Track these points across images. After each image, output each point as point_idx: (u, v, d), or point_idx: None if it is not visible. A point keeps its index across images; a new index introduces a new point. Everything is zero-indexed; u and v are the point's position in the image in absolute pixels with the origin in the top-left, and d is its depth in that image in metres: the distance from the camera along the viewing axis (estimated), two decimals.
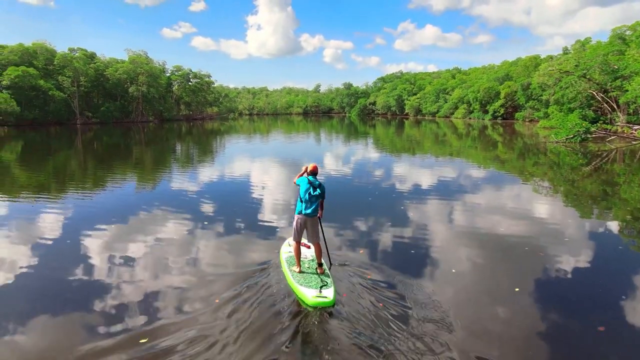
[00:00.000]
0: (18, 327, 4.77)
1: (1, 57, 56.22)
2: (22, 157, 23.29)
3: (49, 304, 5.40)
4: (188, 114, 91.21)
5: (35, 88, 55.80)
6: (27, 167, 19.55)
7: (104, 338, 4.50)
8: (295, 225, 6.02)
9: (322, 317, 4.91)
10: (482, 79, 76.84)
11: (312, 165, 6.19)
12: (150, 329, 4.66)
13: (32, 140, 35.61)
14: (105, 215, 9.76)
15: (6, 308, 5.27)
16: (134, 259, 6.92)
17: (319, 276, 5.84)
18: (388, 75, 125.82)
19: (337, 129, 56.14)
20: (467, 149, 27.26)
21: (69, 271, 6.41)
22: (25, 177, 16.15)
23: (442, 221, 9.41)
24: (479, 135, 39.15)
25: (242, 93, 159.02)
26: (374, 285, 5.78)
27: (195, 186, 13.93)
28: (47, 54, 61.49)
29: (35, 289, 5.87)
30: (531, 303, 5.46)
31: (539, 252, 7.27)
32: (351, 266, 6.46)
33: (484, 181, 14.94)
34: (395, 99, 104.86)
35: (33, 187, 13.89)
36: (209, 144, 33.13)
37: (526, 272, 6.49)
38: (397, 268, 6.47)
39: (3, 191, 13.27)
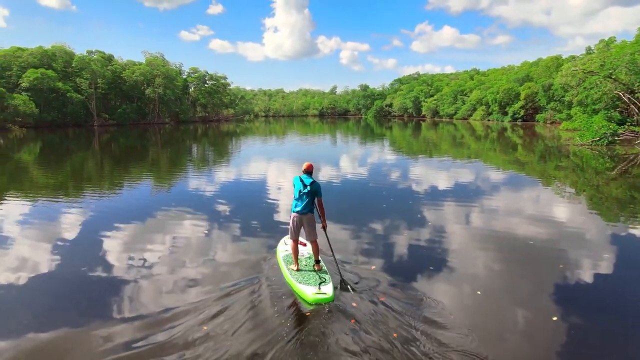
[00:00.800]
0: (40, 321, 4.94)
1: (21, 59, 57.49)
2: (40, 158, 23.65)
3: (69, 299, 5.60)
4: (204, 116, 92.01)
5: (53, 90, 56.89)
6: (46, 168, 19.80)
7: (113, 328, 4.72)
8: (291, 224, 6.06)
9: (322, 314, 4.98)
10: (501, 80, 75.53)
11: (306, 164, 6.25)
12: (154, 323, 4.79)
13: (50, 141, 36.28)
14: (122, 215, 9.89)
15: (29, 303, 5.46)
16: (145, 256, 7.12)
17: (316, 273, 5.91)
18: (405, 76, 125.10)
19: (353, 131, 55.81)
20: (486, 152, 26.62)
21: (87, 268, 6.56)
22: (43, 178, 16.32)
23: (460, 227, 9.04)
24: (498, 138, 38.32)
25: (258, 95, 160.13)
26: (384, 291, 5.57)
27: (211, 187, 13.94)
28: (66, 56, 62.69)
29: (55, 285, 6.04)
30: (563, 325, 5.05)
31: (566, 262, 6.87)
32: (364, 280, 6.01)
33: (503, 185, 14.47)
34: (412, 100, 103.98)
35: (51, 188, 13.98)
36: (224, 146, 33.21)
37: (552, 288, 5.97)
38: (410, 276, 6.21)
39: (23, 192, 13.39)
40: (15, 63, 56.95)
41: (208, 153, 27.37)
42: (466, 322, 4.83)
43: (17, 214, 10.13)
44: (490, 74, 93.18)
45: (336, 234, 8.01)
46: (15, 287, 5.88)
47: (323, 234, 6.20)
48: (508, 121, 67.01)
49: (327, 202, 6.37)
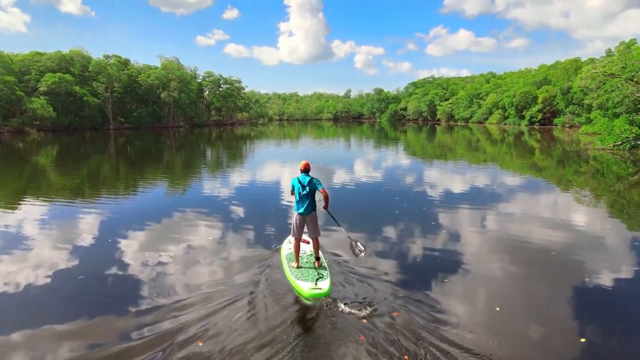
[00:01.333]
0: (59, 318, 5.11)
1: (39, 64, 58.79)
2: (58, 161, 24.01)
3: (86, 298, 5.76)
4: (218, 119, 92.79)
5: (71, 94, 58.02)
6: (63, 171, 20.08)
7: (127, 318, 5.07)
8: (294, 223, 6.28)
9: (318, 308, 5.22)
10: (518, 83, 74.40)
11: (302, 163, 6.36)
12: (165, 312, 5.12)
13: (67, 144, 36.90)
14: (136, 218, 10.08)
15: (48, 298, 5.69)
16: (159, 253, 7.41)
17: (316, 270, 6.10)
18: (420, 80, 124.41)
19: (367, 135, 55.55)
20: (502, 156, 26.10)
21: (102, 269, 6.70)
22: (61, 180, 16.53)
23: (477, 236, 8.78)
24: (515, 142, 37.63)
25: (273, 99, 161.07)
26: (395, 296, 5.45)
27: (224, 190, 14.08)
28: (83, 60, 63.96)
29: (72, 284, 6.18)
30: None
31: (591, 274, 6.61)
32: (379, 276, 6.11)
33: (521, 190, 14.08)
34: (427, 104, 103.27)
35: (69, 190, 14.17)
36: (238, 149, 33.32)
37: (578, 304, 5.64)
38: (424, 288, 6.01)
39: (41, 194, 13.53)
40: (34, 67, 58.32)
41: (222, 156, 27.48)
42: (486, 341, 4.51)
43: (36, 215, 10.27)
44: (506, 77, 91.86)
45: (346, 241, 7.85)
46: (34, 285, 6.07)
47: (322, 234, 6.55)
48: (525, 125, 65.90)
49: (340, 206, 6.32)
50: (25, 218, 10.05)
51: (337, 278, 6.12)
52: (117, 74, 64.50)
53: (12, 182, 16.61)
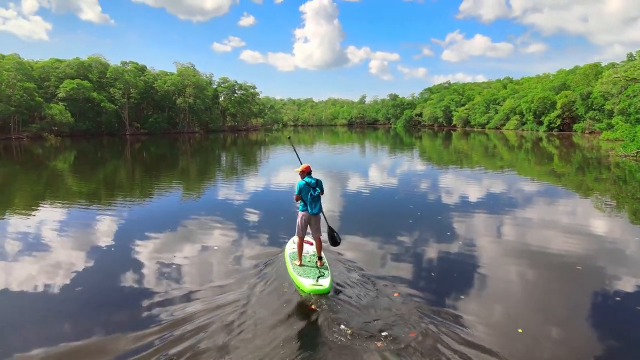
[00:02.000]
0: (73, 319, 5.25)
1: (59, 70, 60.17)
2: (75, 167, 24.46)
3: (101, 300, 5.90)
4: (233, 125, 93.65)
5: (88, 100, 59.12)
6: (81, 176, 20.43)
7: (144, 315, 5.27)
8: (299, 222, 6.49)
9: (318, 304, 5.41)
10: (536, 89, 73.28)
11: (304, 166, 6.67)
12: (178, 306, 5.41)
13: (84, 150, 37.60)
14: (152, 222, 10.27)
15: (66, 301, 5.78)
16: (173, 254, 7.65)
17: (317, 268, 6.30)
18: (435, 85, 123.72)
19: (382, 141, 55.32)
20: (520, 162, 25.62)
21: (118, 272, 6.83)
22: (78, 186, 16.80)
23: (495, 249, 8.58)
24: (533, 148, 36.99)
25: (288, 104, 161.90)
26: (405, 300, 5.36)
27: (238, 195, 14.15)
28: (101, 67, 65.27)
29: (89, 287, 6.29)
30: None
31: (620, 290, 6.36)
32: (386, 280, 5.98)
33: (540, 198, 13.77)
34: (443, 110, 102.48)
35: (85, 195, 14.36)
36: (253, 155, 33.52)
37: (607, 326, 5.34)
38: (439, 306, 5.84)
39: (59, 198, 13.75)
40: (54, 74, 59.72)
41: (237, 162, 27.65)
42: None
43: (54, 220, 10.41)
44: (524, 82, 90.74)
45: (357, 251, 7.85)
46: (51, 285, 6.23)
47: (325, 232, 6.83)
48: (543, 131, 64.81)
49: (353, 213, 6.52)
50: (42, 222, 10.19)
51: (347, 281, 6.22)
52: (134, 80, 65.56)
53: (31, 186, 16.93)
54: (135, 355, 4.28)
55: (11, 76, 50.75)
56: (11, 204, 13.04)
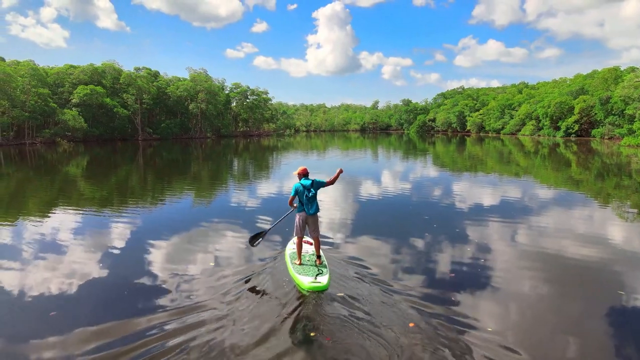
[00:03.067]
0: (88, 320, 5.33)
1: (73, 76, 61.14)
2: (88, 172, 24.67)
3: (114, 298, 6.15)
4: (245, 130, 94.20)
5: (102, 105, 59.95)
6: (93, 181, 20.58)
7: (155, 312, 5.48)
8: (297, 222, 6.79)
9: (317, 300, 5.70)
10: (553, 93, 72.12)
11: (300, 168, 6.99)
12: (184, 306, 5.60)
13: (97, 155, 38.02)
14: (161, 225, 10.46)
15: (80, 301, 5.97)
16: (182, 255, 8.00)
17: (316, 267, 6.58)
18: (449, 90, 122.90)
19: (395, 146, 54.93)
20: (536, 168, 25.05)
21: (130, 273, 7.08)
22: (91, 191, 16.94)
23: (510, 253, 8.28)
24: (550, 154, 36.24)
25: (300, 110, 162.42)
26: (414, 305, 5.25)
27: (248, 199, 14.27)
28: (115, 73, 66.24)
29: (101, 288, 6.49)
30: None
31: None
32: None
33: (556, 204, 13.36)
34: (457, 115, 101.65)
35: (96, 200, 14.47)
36: (265, 160, 33.48)
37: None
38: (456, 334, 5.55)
39: (72, 204, 13.83)
40: (68, 80, 60.71)
41: (249, 167, 27.63)
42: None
43: (66, 223, 10.53)
44: (540, 87, 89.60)
45: (369, 265, 7.63)
46: (63, 289, 6.35)
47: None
48: (560, 136, 63.74)
49: (363, 224, 6.58)
50: (56, 226, 10.30)
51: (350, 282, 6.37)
52: (147, 86, 66.32)
53: (44, 191, 17.09)
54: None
55: (25, 82, 51.77)
56: (26, 208, 13.15)
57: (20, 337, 4.89)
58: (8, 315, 5.49)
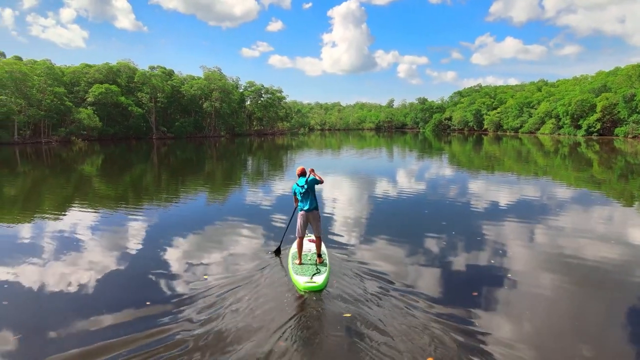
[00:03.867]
0: (107, 309, 5.57)
1: (88, 75, 62.03)
2: (102, 171, 25.01)
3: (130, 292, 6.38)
4: (259, 129, 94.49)
5: (116, 104, 60.71)
6: (108, 179, 20.85)
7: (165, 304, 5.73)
8: (299, 221, 6.88)
9: (311, 299, 5.70)
10: (574, 91, 70.52)
11: (298, 169, 7.18)
12: (189, 299, 5.80)
13: (111, 154, 38.56)
14: (177, 224, 10.44)
15: (98, 296, 6.13)
16: (193, 253, 8.05)
17: (316, 266, 6.58)
18: (466, 89, 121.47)
19: (410, 145, 54.43)
20: (556, 168, 24.47)
21: (144, 271, 7.14)
22: (105, 189, 17.13)
23: (531, 256, 8.02)
24: (570, 153, 35.42)
25: (315, 108, 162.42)
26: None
27: (263, 199, 14.17)
28: (130, 72, 67.04)
29: (119, 285, 6.66)
30: None
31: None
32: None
33: (579, 205, 12.96)
34: (473, 113, 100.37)
35: (112, 199, 14.65)
36: (279, 159, 33.49)
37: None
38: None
39: (87, 202, 14.02)
40: (83, 79, 61.64)
41: (263, 166, 27.66)
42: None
43: (83, 222, 10.65)
44: (560, 84, 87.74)
45: (378, 270, 7.43)
46: (79, 284, 6.47)
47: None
48: (582, 135, 62.35)
49: (374, 233, 6.86)
50: (73, 224, 10.43)
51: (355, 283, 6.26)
52: (161, 84, 66.82)
53: (60, 189, 17.37)
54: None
55: (42, 81, 52.69)
56: (44, 206, 13.34)
57: (43, 328, 5.07)
58: (32, 307, 5.69)
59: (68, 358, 4.38)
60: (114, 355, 4.35)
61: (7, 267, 7.22)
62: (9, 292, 6.14)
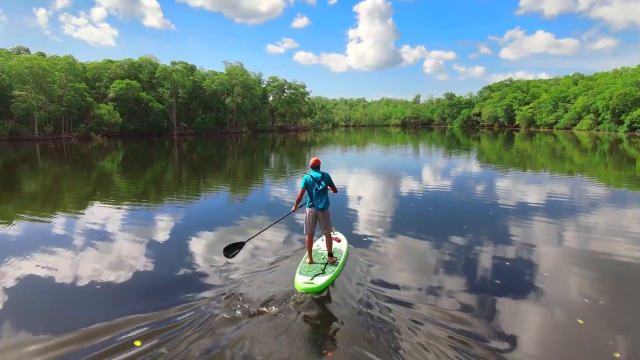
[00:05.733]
0: (131, 306, 5.60)
1: (110, 71, 62.97)
2: (122, 167, 25.23)
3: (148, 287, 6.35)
4: (282, 125, 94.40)
5: (137, 100, 61.42)
6: (128, 176, 20.94)
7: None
8: (307, 218, 6.54)
9: (305, 301, 5.42)
10: (615, 84, 67.06)
11: (313, 159, 6.68)
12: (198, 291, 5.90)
13: (132, 150, 39.05)
14: (194, 222, 10.39)
15: (119, 291, 6.20)
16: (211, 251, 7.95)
17: (325, 265, 6.33)
18: (496, 83, 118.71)
19: (437, 142, 53.14)
20: (594, 166, 23.06)
21: (162, 266, 7.24)
22: (126, 186, 17.09)
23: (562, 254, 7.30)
24: (611, 150, 33.60)
25: (340, 104, 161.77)
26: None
27: (287, 196, 13.92)
28: (152, 67, 67.72)
29: (141, 277, 6.77)
30: None
31: None
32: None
33: (619, 207, 11.95)
34: (504, 109, 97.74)
35: (133, 195, 14.68)
36: (302, 155, 33.06)
37: None
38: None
39: (108, 198, 13.96)
40: (105, 75, 62.61)
41: (286, 163, 27.29)
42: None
43: (104, 218, 10.69)
44: (598, 78, 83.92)
45: (394, 278, 6.99)
46: (100, 279, 6.57)
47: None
48: (624, 131, 59.58)
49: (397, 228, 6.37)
50: (93, 220, 10.50)
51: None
52: (182, 79, 67.07)
53: (82, 185, 17.47)
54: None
55: (62, 77, 53.55)
56: (63, 203, 13.48)
57: (65, 323, 5.14)
58: (53, 305, 5.76)
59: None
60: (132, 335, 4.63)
61: (29, 261, 7.38)
62: (36, 285, 6.39)
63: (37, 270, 6.91)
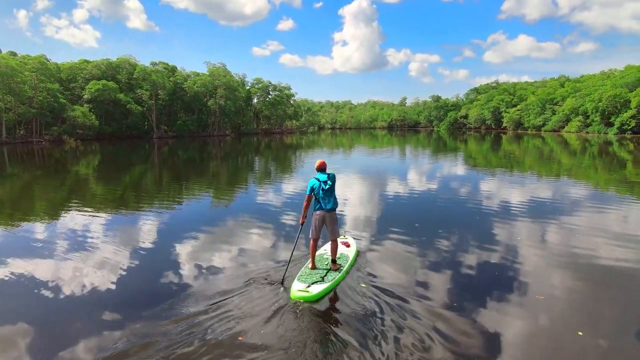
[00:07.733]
0: (125, 311, 5.59)
1: (85, 71, 61.42)
2: (98, 172, 24.63)
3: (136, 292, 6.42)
4: (267, 128, 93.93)
5: (115, 102, 60.03)
6: (106, 181, 20.42)
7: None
8: (314, 222, 6.41)
9: (297, 309, 5.30)
10: (604, 86, 68.28)
11: (318, 161, 6.61)
12: (193, 297, 5.83)
13: (110, 153, 38.18)
14: (178, 229, 10.13)
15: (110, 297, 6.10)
16: (195, 256, 7.96)
17: (327, 272, 6.18)
18: (482, 85, 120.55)
19: (424, 144, 53.38)
20: (583, 169, 23.37)
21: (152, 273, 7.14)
22: (102, 191, 16.63)
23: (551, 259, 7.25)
24: (600, 153, 34.21)
25: (326, 107, 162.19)
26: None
27: (273, 200, 13.91)
28: (130, 68, 66.34)
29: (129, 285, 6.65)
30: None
31: None
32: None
33: (610, 210, 12.06)
34: (491, 111, 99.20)
35: (111, 201, 14.30)
36: (288, 159, 32.79)
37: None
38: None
39: (83, 204, 13.57)
40: (81, 75, 61.11)
41: (270, 166, 27.01)
42: None
43: (79, 226, 10.31)
44: (585, 80, 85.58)
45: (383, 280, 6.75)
46: (89, 289, 6.38)
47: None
48: (614, 133, 60.70)
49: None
50: (67, 228, 10.16)
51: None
52: (162, 80, 65.94)
53: (54, 191, 16.82)
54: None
55: (33, 77, 51.90)
56: (35, 210, 13.03)
57: (56, 333, 5.06)
58: (39, 311, 5.68)
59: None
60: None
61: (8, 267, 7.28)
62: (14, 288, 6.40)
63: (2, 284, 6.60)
